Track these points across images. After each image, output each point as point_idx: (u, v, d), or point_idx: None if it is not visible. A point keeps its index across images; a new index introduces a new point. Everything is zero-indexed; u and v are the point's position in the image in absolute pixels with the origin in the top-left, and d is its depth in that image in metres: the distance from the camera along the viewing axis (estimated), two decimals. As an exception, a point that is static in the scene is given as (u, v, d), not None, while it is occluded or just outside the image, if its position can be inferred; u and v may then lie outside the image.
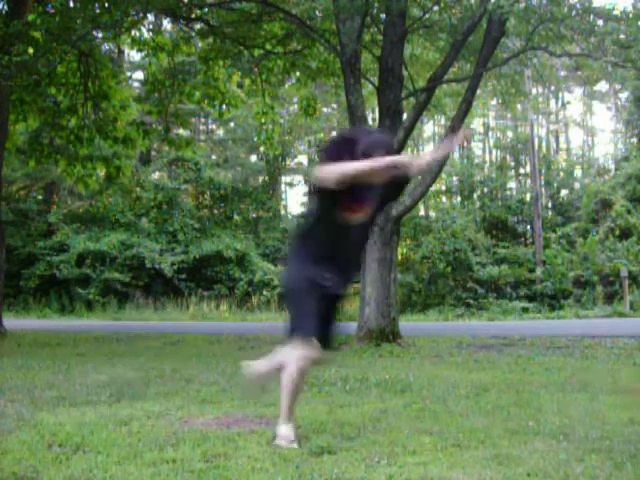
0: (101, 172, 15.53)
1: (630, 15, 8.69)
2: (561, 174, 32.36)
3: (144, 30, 13.55)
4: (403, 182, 3.57)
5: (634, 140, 30.65)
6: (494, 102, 29.52)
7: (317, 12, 10.71)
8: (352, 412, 4.50)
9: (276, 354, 3.73)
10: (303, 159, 36.69)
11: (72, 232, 23.66)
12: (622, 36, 8.88)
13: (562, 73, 32.01)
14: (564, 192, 31.60)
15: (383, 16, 10.44)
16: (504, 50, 11.21)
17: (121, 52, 24.27)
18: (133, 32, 12.81)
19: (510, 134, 34.65)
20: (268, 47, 12.31)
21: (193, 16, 12.04)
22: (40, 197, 27.06)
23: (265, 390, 4.17)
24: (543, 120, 36.44)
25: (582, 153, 38.13)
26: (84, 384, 5.74)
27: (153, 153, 30.09)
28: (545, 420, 4.18)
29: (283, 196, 36.25)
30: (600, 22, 9.07)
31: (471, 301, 21.40)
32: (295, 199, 67.78)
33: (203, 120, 34.08)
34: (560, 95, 37.97)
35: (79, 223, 24.51)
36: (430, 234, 23.32)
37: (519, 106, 28.95)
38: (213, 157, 32.73)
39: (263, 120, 14.56)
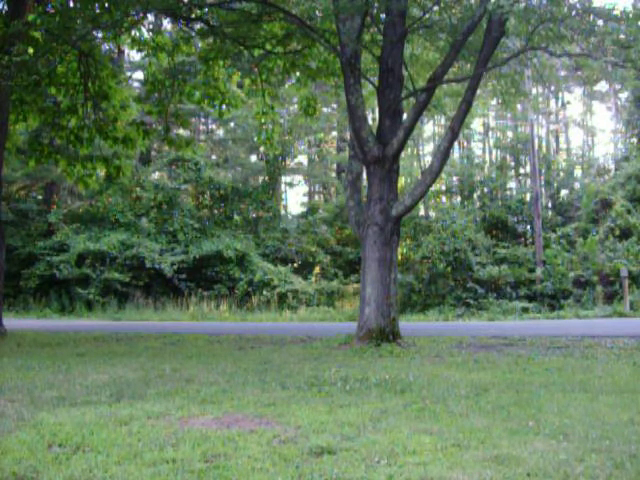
0: (101, 172, 15.52)
1: (630, 15, 8.68)
2: (561, 174, 32.36)
3: (144, 30, 13.56)
4: None
5: (634, 140, 30.64)
6: (494, 102, 29.51)
7: (317, 12, 10.70)
8: (352, 412, 4.50)
9: None
10: (303, 159, 36.72)
11: (72, 232, 23.65)
12: (622, 36, 8.88)
13: (562, 73, 32.02)
14: (564, 192, 31.61)
15: (383, 16, 10.43)
16: (504, 50, 11.19)
17: (121, 52, 24.29)
18: (133, 32, 12.81)
19: (510, 134, 34.65)
20: (268, 47, 12.30)
21: (193, 16, 12.03)
22: (40, 197, 27.06)
23: None
24: (543, 120, 36.43)
25: (582, 153, 38.13)
26: (84, 384, 5.74)
27: (153, 153, 30.08)
28: (545, 420, 4.18)
29: (283, 196, 36.27)
30: (600, 22, 9.06)
31: (471, 301, 21.39)
32: (295, 199, 67.89)
33: (203, 120, 34.06)
34: (560, 95, 37.97)
35: (79, 223, 24.50)
36: (430, 234, 23.32)
37: (519, 106, 28.96)
38: (213, 157, 32.72)
39: (263, 120, 14.55)
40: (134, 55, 32.41)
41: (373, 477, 3.04)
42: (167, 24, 18.15)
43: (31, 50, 10.89)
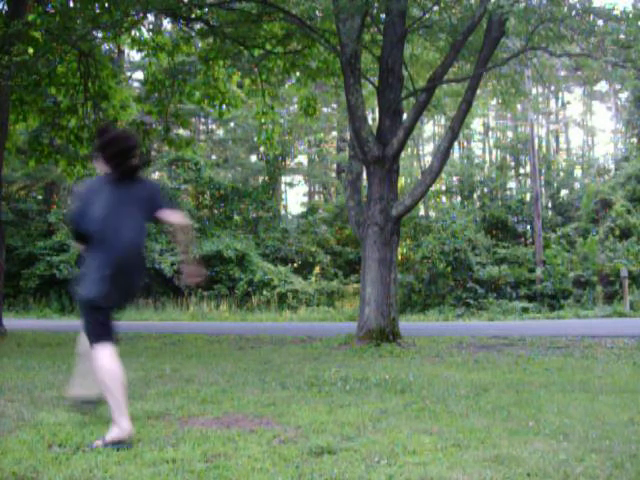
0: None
1: (630, 15, 8.68)
2: (561, 174, 32.36)
3: (144, 30, 13.56)
4: None
5: (634, 140, 30.64)
6: (494, 102, 29.47)
7: (317, 12, 10.70)
8: (352, 412, 4.49)
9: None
10: (303, 159, 36.71)
11: (72, 232, 23.61)
12: (622, 36, 8.87)
13: (562, 73, 31.99)
14: (564, 192, 31.60)
15: (383, 16, 10.43)
16: (504, 50, 11.19)
17: (121, 52, 24.26)
18: (133, 32, 12.81)
19: (510, 134, 34.65)
20: (268, 47, 12.30)
21: (193, 16, 12.03)
22: (40, 197, 27.04)
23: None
24: (543, 120, 36.42)
25: (582, 153, 38.12)
26: (84, 384, 5.73)
27: (153, 153, 30.08)
28: (545, 420, 4.18)
29: (283, 196, 36.27)
30: (600, 22, 9.07)
31: (471, 301, 21.38)
32: (295, 199, 67.87)
33: (203, 120, 34.06)
34: (560, 95, 37.96)
35: (79, 223, 24.43)
36: (430, 234, 23.30)
37: (519, 106, 28.92)
38: (213, 157, 32.72)
39: (263, 120, 14.55)
40: (134, 55, 32.38)
41: (373, 477, 3.04)
42: (167, 24, 18.13)
43: (31, 50, 10.88)
